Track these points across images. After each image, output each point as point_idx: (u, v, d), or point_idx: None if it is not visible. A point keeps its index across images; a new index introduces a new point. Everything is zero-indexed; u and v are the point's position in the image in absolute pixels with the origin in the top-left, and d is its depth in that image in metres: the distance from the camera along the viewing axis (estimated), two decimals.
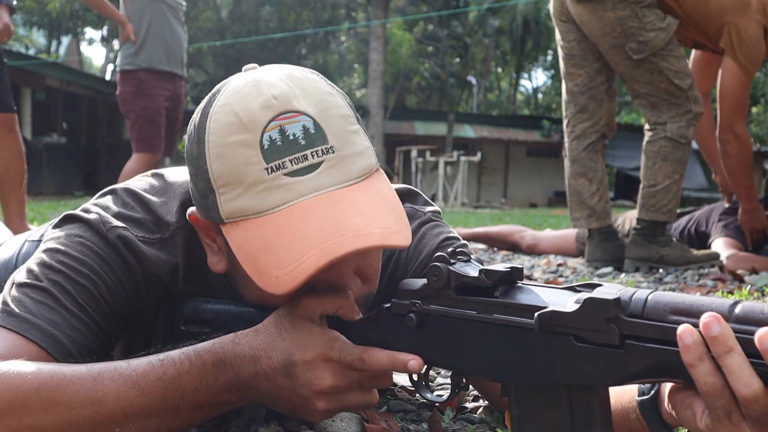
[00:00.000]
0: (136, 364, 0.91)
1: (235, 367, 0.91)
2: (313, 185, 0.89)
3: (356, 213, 0.89)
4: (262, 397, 0.93)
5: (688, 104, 3.17)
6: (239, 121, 0.91)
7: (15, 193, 3.60)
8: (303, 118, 0.91)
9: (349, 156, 0.93)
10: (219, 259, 1.02)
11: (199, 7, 25.00)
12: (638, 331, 0.71)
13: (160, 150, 4.69)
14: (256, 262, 0.89)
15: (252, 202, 0.89)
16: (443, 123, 21.89)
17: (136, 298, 1.07)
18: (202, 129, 0.94)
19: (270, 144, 0.89)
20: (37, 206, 8.24)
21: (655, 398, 0.82)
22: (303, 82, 0.95)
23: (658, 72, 3.14)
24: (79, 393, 0.88)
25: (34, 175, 13.80)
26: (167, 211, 1.10)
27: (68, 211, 1.10)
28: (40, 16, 25.81)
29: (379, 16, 18.29)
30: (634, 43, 3.09)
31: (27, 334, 0.94)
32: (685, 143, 3.19)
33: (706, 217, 3.67)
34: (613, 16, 3.10)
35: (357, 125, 0.97)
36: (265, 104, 0.91)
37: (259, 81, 0.94)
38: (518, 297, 0.82)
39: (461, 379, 0.91)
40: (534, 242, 4.25)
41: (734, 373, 0.65)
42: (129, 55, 4.62)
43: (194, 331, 1.06)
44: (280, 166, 0.89)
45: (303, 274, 0.85)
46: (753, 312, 0.66)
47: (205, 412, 0.93)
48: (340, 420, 1.04)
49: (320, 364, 0.89)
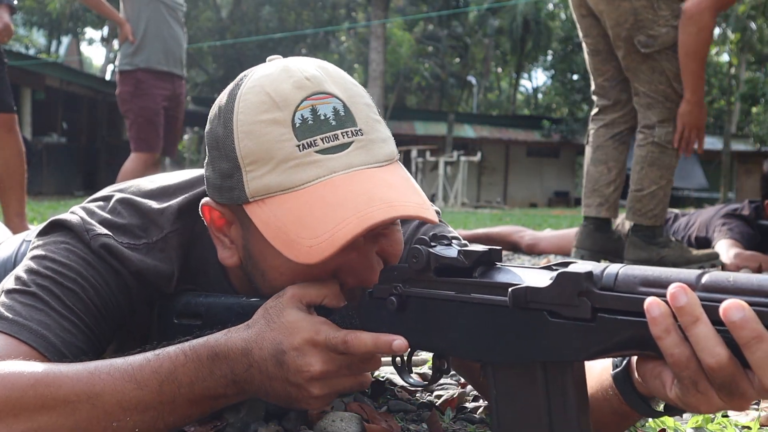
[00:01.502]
0: (132, 359, 0.92)
1: (229, 361, 0.92)
2: (344, 162, 0.91)
3: (388, 188, 0.92)
4: (257, 390, 0.93)
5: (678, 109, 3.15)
6: (271, 100, 0.93)
7: (15, 193, 3.60)
8: (333, 100, 0.94)
9: (376, 141, 0.96)
10: (231, 253, 1.03)
11: (199, 7, 25.01)
12: (609, 304, 0.71)
13: (158, 149, 4.69)
14: (285, 236, 0.90)
15: (282, 178, 0.91)
16: (443, 123, 21.92)
17: (128, 299, 1.08)
18: (229, 110, 0.95)
19: (302, 122, 0.92)
20: (37, 206, 8.24)
21: (627, 369, 0.83)
22: (331, 71, 0.98)
23: (660, 72, 3.12)
24: (76, 388, 0.88)
25: (34, 175, 13.81)
26: (162, 215, 1.10)
27: (54, 217, 1.10)
28: (40, 16, 25.83)
29: (379, 16, 18.29)
30: (644, 36, 3.06)
31: (18, 335, 0.95)
32: (673, 149, 3.17)
33: (706, 223, 3.65)
34: (629, 6, 3.05)
35: (379, 116, 1.00)
36: (297, 85, 0.93)
37: (289, 66, 0.97)
38: (495, 276, 0.83)
39: (443, 362, 0.92)
40: (534, 242, 4.26)
41: (700, 342, 0.65)
42: (127, 55, 4.62)
43: (186, 324, 1.08)
44: (312, 143, 0.91)
45: (339, 241, 0.87)
46: (719, 280, 0.67)
47: (201, 406, 0.94)
48: (340, 420, 1.04)
49: (308, 349, 0.89)
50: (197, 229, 1.12)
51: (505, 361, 0.81)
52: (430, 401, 1.27)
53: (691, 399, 0.69)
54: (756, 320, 0.62)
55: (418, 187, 0.98)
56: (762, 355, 0.62)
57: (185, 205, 1.11)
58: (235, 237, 1.02)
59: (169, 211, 1.10)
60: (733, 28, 26.20)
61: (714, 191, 25.66)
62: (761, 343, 0.62)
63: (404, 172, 0.99)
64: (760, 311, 0.63)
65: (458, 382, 1.42)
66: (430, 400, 1.28)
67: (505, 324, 0.79)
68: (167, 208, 1.11)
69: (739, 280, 0.66)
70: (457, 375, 1.48)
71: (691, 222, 3.81)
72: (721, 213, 3.62)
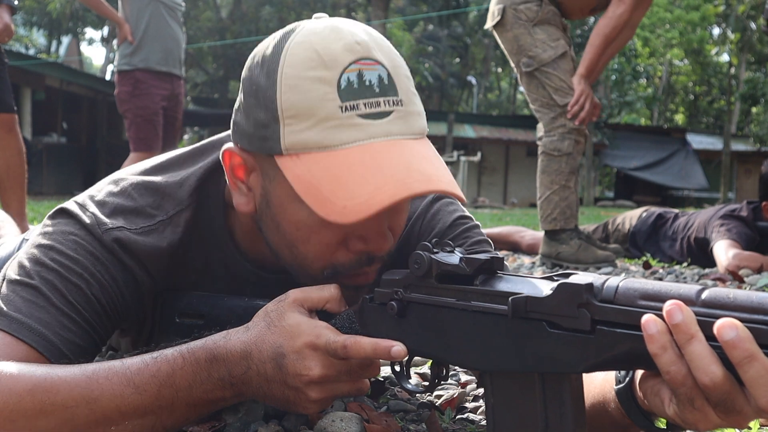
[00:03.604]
0: (129, 363, 0.92)
1: (227, 363, 0.91)
2: (384, 130, 0.92)
3: (425, 161, 0.93)
4: (255, 393, 0.93)
5: (562, 119, 3.43)
6: (319, 58, 0.92)
7: (15, 193, 3.60)
8: (379, 67, 0.94)
9: (413, 113, 0.96)
10: (248, 200, 1.02)
11: (199, 7, 25.01)
12: (608, 316, 0.71)
13: (157, 149, 4.68)
14: (318, 192, 0.90)
15: (321, 136, 0.91)
16: (443, 123, 21.88)
17: (136, 294, 1.07)
18: (275, 61, 0.94)
19: (347, 85, 0.91)
20: (37, 206, 8.23)
21: (630, 386, 0.82)
22: (377, 38, 0.98)
23: (542, 86, 3.47)
24: (74, 392, 0.88)
25: (34, 175, 13.80)
26: (182, 187, 1.10)
27: (64, 204, 1.08)
28: (40, 16, 25.82)
29: (379, 16, 18.27)
30: (525, 58, 3.47)
31: (17, 333, 0.94)
32: (559, 155, 3.44)
33: (705, 224, 3.64)
34: (511, 35, 3.50)
35: (415, 90, 1.00)
36: (347, 47, 0.93)
37: (339, 27, 0.96)
38: (497, 285, 0.83)
39: (441, 369, 0.92)
40: (534, 242, 4.25)
41: (695, 360, 0.65)
42: (126, 55, 4.63)
43: (188, 324, 1.07)
44: (355, 107, 0.91)
45: (377, 205, 0.87)
46: (720, 297, 0.66)
47: (199, 409, 0.94)
48: (340, 420, 1.04)
49: (308, 353, 0.89)
50: (210, 194, 1.12)
51: (503, 370, 0.80)
52: (429, 401, 1.27)
53: (688, 416, 0.69)
54: (750, 339, 0.62)
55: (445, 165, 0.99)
56: (754, 375, 0.62)
57: (205, 175, 1.11)
58: (253, 185, 1.01)
59: (188, 183, 1.10)
60: (733, 28, 26.20)
61: (714, 191, 25.63)
62: (754, 363, 0.62)
63: (434, 149, 0.99)
64: (758, 329, 0.63)
65: (458, 382, 1.42)
66: (430, 400, 1.28)
67: (504, 333, 0.79)
68: (187, 179, 1.10)
69: (740, 297, 0.65)
70: (457, 375, 1.48)
71: (690, 223, 3.80)
72: (719, 214, 3.61)
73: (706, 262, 3.56)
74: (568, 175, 3.44)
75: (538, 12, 3.44)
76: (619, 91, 26.65)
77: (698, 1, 27.94)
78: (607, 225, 4.32)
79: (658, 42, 29.81)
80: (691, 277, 3.16)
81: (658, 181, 24.19)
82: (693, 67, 33.14)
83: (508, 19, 3.49)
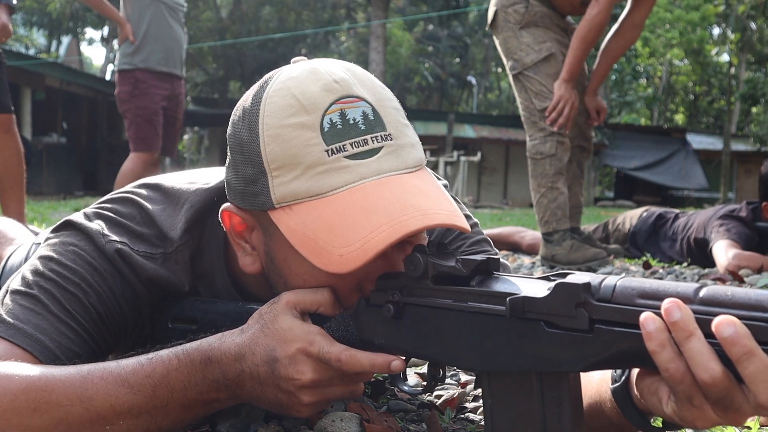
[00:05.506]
0: (125, 363, 0.92)
1: (221, 365, 0.91)
2: (374, 168, 0.89)
3: (421, 195, 0.90)
4: (249, 395, 0.93)
5: (542, 123, 3.45)
6: (298, 104, 0.90)
7: (14, 194, 3.60)
8: (363, 104, 0.91)
9: (405, 146, 0.93)
10: (253, 259, 1.01)
11: (199, 7, 24.99)
12: (606, 316, 0.71)
13: (157, 149, 4.68)
14: (314, 244, 0.88)
15: (310, 184, 0.89)
16: (443, 123, 21.88)
17: (134, 306, 1.07)
18: (255, 113, 0.93)
19: (330, 127, 0.89)
20: (37, 206, 8.23)
21: (626, 385, 0.82)
22: (359, 74, 0.96)
23: (525, 90, 3.51)
24: (69, 392, 0.88)
25: (34, 175, 13.81)
26: (171, 226, 1.09)
27: (69, 217, 1.10)
28: (40, 16, 25.82)
29: (379, 16, 18.27)
30: (512, 61, 3.52)
31: (13, 338, 0.95)
32: (542, 158, 3.46)
33: (704, 224, 3.64)
34: (501, 38, 3.56)
35: (407, 120, 0.98)
36: (326, 88, 0.91)
37: (317, 68, 0.94)
38: (493, 286, 0.82)
39: (438, 370, 0.91)
40: (534, 242, 4.25)
41: (694, 358, 0.65)
42: (126, 54, 4.62)
43: (181, 329, 1.07)
44: (341, 148, 0.89)
45: (373, 249, 0.85)
46: (717, 294, 0.66)
47: (194, 410, 0.93)
48: (340, 420, 1.04)
49: (301, 358, 0.89)
50: (203, 241, 1.11)
51: (500, 371, 0.80)
52: (430, 401, 1.27)
53: (686, 414, 0.69)
54: (748, 336, 0.62)
55: (447, 194, 0.96)
56: (754, 371, 0.62)
57: (192, 220, 1.09)
58: (256, 243, 1.00)
59: (178, 227, 1.09)
60: (733, 28, 26.19)
61: (714, 191, 25.61)
62: (753, 359, 0.62)
63: (433, 179, 0.97)
64: (756, 326, 0.63)
65: (458, 382, 1.42)
66: (430, 400, 1.28)
67: (501, 333, 0.79)
68: (176, 219, 1.10)
69: (738, 294, 0.65)
70: (457, 375, 1.48)
71: (690, 223, 3.80)
72: (718, 214, 3.61)
73: (706, 263, 3.56)
74: (554, 176, 3.44)
75: (525, 14, 3.45)
76: (619, 91, 26.64)
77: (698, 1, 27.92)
78: (608, 225, 4.32)
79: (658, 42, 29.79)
80: (691, 277, 3.16)
81: (658, 181, 24.18)
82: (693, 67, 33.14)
83: (499, 22, 3.52)
